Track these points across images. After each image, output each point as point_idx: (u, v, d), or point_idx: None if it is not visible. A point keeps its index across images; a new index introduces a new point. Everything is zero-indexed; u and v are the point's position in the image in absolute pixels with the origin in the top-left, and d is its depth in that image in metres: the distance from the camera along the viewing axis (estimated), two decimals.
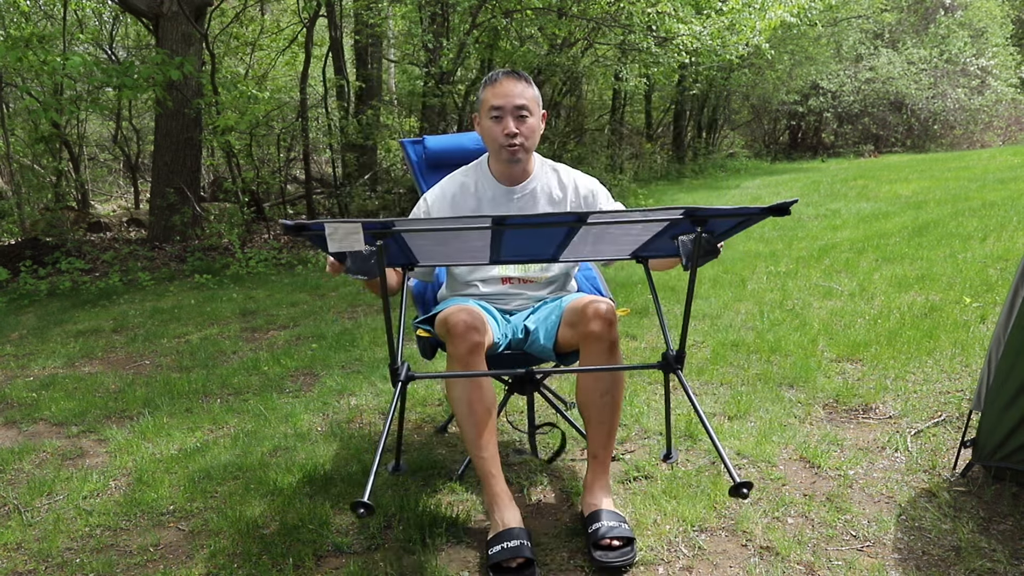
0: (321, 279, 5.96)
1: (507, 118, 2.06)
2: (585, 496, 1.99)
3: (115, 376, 3.68)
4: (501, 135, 2.07)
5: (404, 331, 2.05)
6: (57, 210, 8.31)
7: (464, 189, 2.19)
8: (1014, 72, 18.98)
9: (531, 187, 2.18)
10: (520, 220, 1.50)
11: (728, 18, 8.22)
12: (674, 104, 15.85)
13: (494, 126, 2.08)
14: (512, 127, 2.07)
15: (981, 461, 2.09)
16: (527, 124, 2.09)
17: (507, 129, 2.06)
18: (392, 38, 11.58)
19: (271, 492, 2.30)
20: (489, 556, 1.80)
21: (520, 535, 1.81)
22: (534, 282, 2.25)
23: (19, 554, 2.05)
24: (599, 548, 1.81)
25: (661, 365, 1.83)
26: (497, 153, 2.12)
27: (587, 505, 1.96)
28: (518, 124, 2.08)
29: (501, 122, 2.07)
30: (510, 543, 1.79)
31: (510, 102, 2.06)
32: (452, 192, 2.20)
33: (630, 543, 1.83)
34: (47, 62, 5.75)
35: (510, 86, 2.07)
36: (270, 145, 9.90)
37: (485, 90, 2.11)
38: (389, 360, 1.78)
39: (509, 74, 2.10)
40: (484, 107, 2.10)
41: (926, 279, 4.45)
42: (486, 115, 2.09)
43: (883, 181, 10.29)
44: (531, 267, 2.23)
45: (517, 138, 2.07)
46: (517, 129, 2.07)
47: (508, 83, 2.07)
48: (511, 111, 2.06)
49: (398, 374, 1.76)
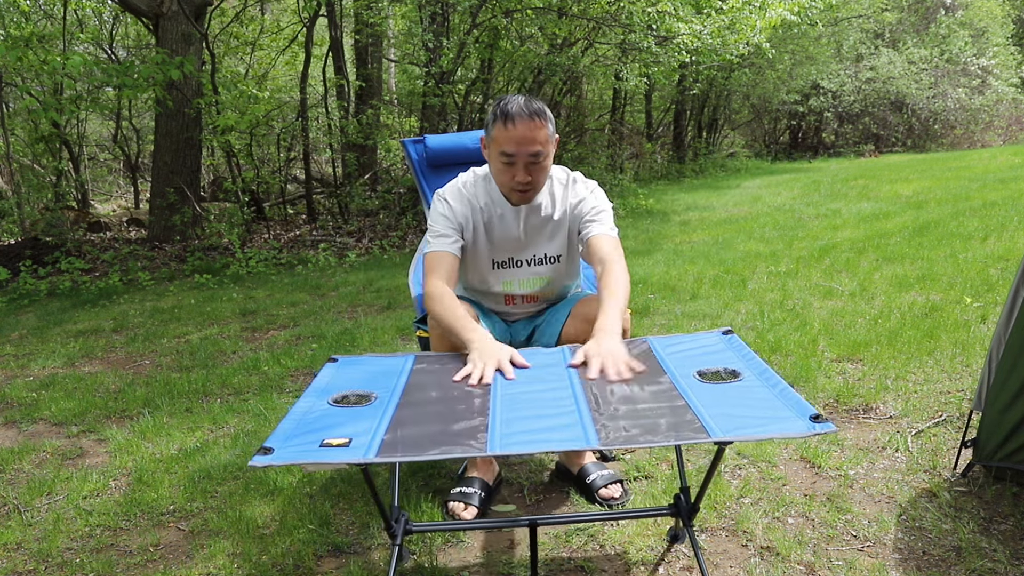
0: (321, 279, 5.96)
1: (519, 165, 1.95)
2: (571, 457, 2.26)
3: (115, 376, 3.68)
4: (511, 180, 1.97)
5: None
6: (57, 210, 8.30)
7: (473, 206, 2.08)
8: (1015, 72, 18.97)
9: (537, 201, 2.08)
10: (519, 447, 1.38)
11: (728, 17, 8.21)
12: (674, 104, 15.83)
13: (505, 169, 1.97)
14: (524, 177, 1.96)
15: (982, 461, 2.09)
16: (540, 166, 1.97)
17: (518, 177, 1.96)
18: (392, 38, 11.57)
19: (271, 492, 2.30)
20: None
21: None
22: (538, 299, 2.23)
23: (19, 554, 2.04)
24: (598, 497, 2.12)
25: (672, 511, 1.82)
26: (506, 193, 2.04)
27: (573, 464, 2.24)
28: (530, 170, 1.96)
29: (512, 168, 1.95)
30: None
31: (524, 149, 1.92)
32: (464, 208, 2.08)
33: (620, 482, 2.15)
34: (47, 62, 5.75)
35: (525, 130, 1.90)
36: (270, 145, 9.90)
37: (496, 127, 1.94)
38: (383, 525, 1.71)
39: (524, 114, 1.91)
40: (494, 145, 1.96)
41: (927, 279, 4.45)
42: (496, 156, 1.96)
43: (884, 181, 10.28)
44: (536, 285, 2.19)
45: (529, 183, 1.98)
46: (529, 176, 1.96)
47: (523, 127, 1.90)
48: (524, 158, 1.94)
49: (395, 533, 1.72)
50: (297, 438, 1.42)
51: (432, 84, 8.02)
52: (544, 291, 2.20)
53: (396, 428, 1.46)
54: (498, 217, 2.08)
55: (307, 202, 9.12)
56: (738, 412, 1.43)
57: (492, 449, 1.35)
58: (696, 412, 1.44)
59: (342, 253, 7.03)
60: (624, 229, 7.15)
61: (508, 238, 2.10)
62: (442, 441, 1.39)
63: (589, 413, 1.48)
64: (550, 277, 2.17)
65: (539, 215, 2.09)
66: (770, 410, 1.43)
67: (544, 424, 1.45)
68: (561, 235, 2.12)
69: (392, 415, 1.52)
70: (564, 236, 2.13)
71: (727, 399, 1.50)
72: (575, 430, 1.41)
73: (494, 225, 2.09)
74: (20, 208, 8.16)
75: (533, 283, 2.17)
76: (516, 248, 2.12)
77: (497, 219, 2.08)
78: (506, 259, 2.13)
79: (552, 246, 2.13)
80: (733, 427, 1.36)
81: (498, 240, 2.10)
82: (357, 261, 6.71)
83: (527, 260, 2.13)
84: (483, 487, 2.14)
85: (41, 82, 8.46)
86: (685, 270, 5.28)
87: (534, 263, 2.14)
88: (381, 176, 9.18)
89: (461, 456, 1.36)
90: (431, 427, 1.46)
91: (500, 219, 2.08)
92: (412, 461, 1.49)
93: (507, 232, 2.09)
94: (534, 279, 2.16)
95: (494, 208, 2.08)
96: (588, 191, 2.11)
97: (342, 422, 1.49)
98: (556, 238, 2.12)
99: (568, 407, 1.51)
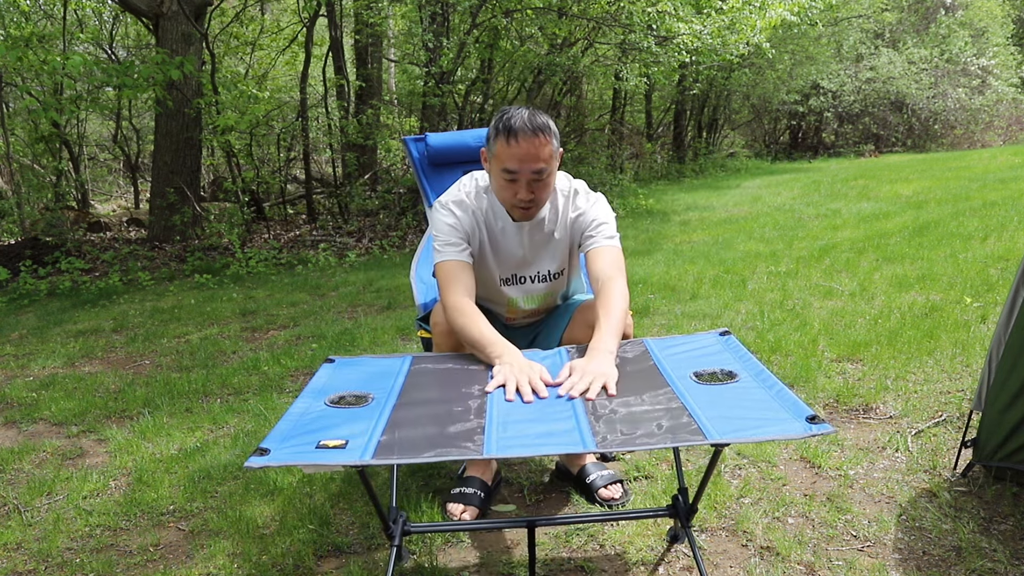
0: (321, 279, 5.96)
1: (521, 182, 1.89)
2: (571, 457, 2.24)
3: (115, 376, 3.68)
4: (513, 197, 1.92)
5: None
6: (57, 210, 8.30)
7: (477, 218, 2.04)
8: (1015, 72, 18.96)
9: (540, 216, 2.04)
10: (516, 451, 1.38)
11: (728, 17, 8.21)
12: (674, 104, 15.83)
13: (507, 186, 1.91)
14: (526, 195, 1.90)
15: (982, 461, 2.09)
16: (543, 183, 1.91)
17: (521, 195, 1.90)
18: (392, 38, 11.57)
19: (271, 492, 2.30)
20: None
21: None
22: (540, 311, 2.24)
23: (19, 554, 2.04)
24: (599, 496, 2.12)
25: (671, 512, 1.82)
26: (508, 208, 2.00)
27: (573, 465, 2.23)
28: (532, 187, 1.90)
29: (514, 185, 1.90)
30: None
31: (527, 167, 1.86)
32: (469, 219, 2.03)
33: (620, 483, 2.15)
34: (47, 61, 5.75)
35: (528, 147, 1.83)
36: (270, 145, 9.89)
37: (499, 142, 1.86)
38: (381, 526, 1.70)
39: (527, 133, 1.83)
40: (496, 161, 1.90)
41: (927, 279, 4.45)
42: (498, 172, 1.90)
43: (884, 181, 10.28)
44: (539, 301, 2.19)
45: (531, 200, 1.92)
46: (532, 194, 1.91)
47: (526, 144, 1.83)
48: (527, 175, 1.88)
49: (392, 533, 1.71)
50: (293, 439, 1.42)
51: (432, 84, 8.02)
52: (546, 302, 2.22)
53: (393, 430, 1.45)
54: (500, 232, 2.05)
55: (307, 202, 9.12)
56: (735, 414, 1.43)
57: (488, 451, 1.35)
58: (693, 414, 1.44)
59: (342, 253, 7.03)
60: (624, 229, 7.15)
61: (512, 255, 2.08)
62: (438, 443, 1.39)
63: (586, 416, 1.48)
64: (552, 291, 2.19)
65: (541, 231, 2.06)
66: (767, 411, 1.43)
67: (542, 428, 1.44)
68: (562, 251, 2.11)
69: (389, 416, 1.51)
70: (565, 251, 2.11)
71: (724, 401, 1.49)
72: (572, 433, 1.40)
73: (497, 240, 2.06)
74: (20, 208, 8.16)
75: (536, 299, 2.18)
76: (520, 265, 2.10)
77: (500, 234, 2.05)
78: (510, 276, 2.12)
79: (555, 263, 2.12)
80: (730, 429, 1.36)
81: (503, 257, 2.08)
82: (357, 261, 6.72)
83: (531, 277, 2.12)
84: (483, 487, 2.14)
85: (41, 82, 8.46)
86: (685, 270, 5.28)
87: (538, 280, 2.13)
88: (381, 176, 9.18)
89: (458, 458, 1.35)
90: (428, 429, 1.45)
91: (503, 234, 2.05)
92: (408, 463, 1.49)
93: (510, 249, 2.07)
94: (537, 296, 2.17)
95: (496, 222, 2.04)
96: (589, 204, 2.06)
97: (339, 423, 1.49)
98: (557, 254, 2.11)
99: (565, 410, 1.51)
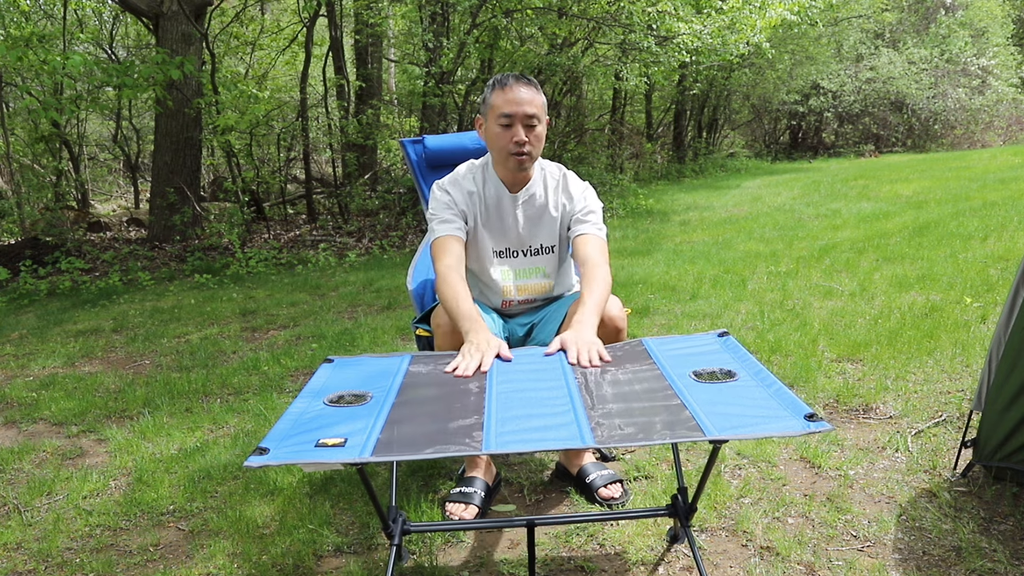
0: (321, 279, 5.96)
1: (517, 126, 2.02)
2: (571, 457, 2.25)
3: (115, 376, 3.68)
4: (511, 143, 2.04)
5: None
6: (57, 210, 8.29)
7: (472, 195, 2.15)
8: (1015, 72, 18.97)
9: (532, 191, 2.17)
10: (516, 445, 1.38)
11: (728, 17, 8.21)
12: (674, 104, 15.83)
13: (503, 133, 2.04)
14: (522, 136, 2.03)
15: (982, 461, 2.09)
16: (536, 132, 2.05)
17: (517, 137, 2.02)
18: (392, 38, 11.57)
19: (271, 492, 2.30)
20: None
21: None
22: (534, 301, 2.26)
23: (19, 554, 2.04)
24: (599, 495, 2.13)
25: (670, 512, 1.82)
26: (504, 160, 2.09)
27: (573, 465, 2.24)
28: (527, 132, 2.04)
29: (511, 130, 2.03)
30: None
31: (521, 110, 2.01)
32: (464, 197, 2.15)
33: (619, 482, 2.16)
34: (47, 61, 5.74)
35: (521, 92, 2.01)
36: (270, 145, 9.90)
37: (494, 94, 2.04)
38: (381, 525, 1.70)
39: (520, 79, 2.04)
40: (492, 112, 2.05)
41: (927, 279, 4.45)
42: (494, 121, 2.04)
43: (884, 181, 10.28)
44: (533, 275, 2.23)
45: (526, 147, 2.04)
46: (527, 138, 2.03)
47: (519, 89, 2.02)
48: (521, 119, 2.02)
49: (392, 533, 1.71)
50: (292, 438, 1.42)
51: (432, 84, 8.01)
52: (539, 288, 2.24)
53: (391, 427, 1.46)
54: (495, 205, 2.15)
55: (307, 202, 9.12)
56: (733, 411, 1.43)
57: (488, 448, 1.35)
58: (691, 411, 1.44)
59: (342, 253, 7.03)
60: (624, 229, 7.15)
61: (507, 228, 2.17)
62: (437, 440, 1.39)
63: (584, 412, 1.48)
64: (545, 268, 2.23)
65: (534, 205, 2.17)
66: (765, 409, 1.43)
67: (540, 423, 1.44)
68: (554, 227, 2.20)
69: (387, 414, 1.52)
70: (556, 228, 2.20)
71: (723, 398, 1.50)
72: (570, 429, 1.41)
73: (492, 214, 2.16)
74: (20, 208, 8.15)
75: (529, 274, 2.22)
76: (515, 239, 2.19)
77: (495, 207, 2.15)
78: (504, 249, 2.20)
79: (547, 236, 2.20)
80: (728, 426, 1.36)
81: (497, 231, 2.17)
82: (357, 261, 6.71)
83: (524, 251, 2.21)
84: (483, 487, 2.15)
85: (41, 82, 8.46)
86: (685, 270, 5.28)
87: (531, 253, 2.21)
88: (381, 176, 9.18)
89: (456, 455, 1.36)
90: (426, 426, 1.46)
91: (498, 207, 2.15)
92: (407, 460, 1.48)
93: (506, 222, 2.16)
94: (531, 269, 2.22)
95: (492, 194, 2.15)
96: (579, 191, 2.19)
97: (337, 422, 1.49)
98: (550, 229, 2.20)
99: (563, 406, 1.51)
